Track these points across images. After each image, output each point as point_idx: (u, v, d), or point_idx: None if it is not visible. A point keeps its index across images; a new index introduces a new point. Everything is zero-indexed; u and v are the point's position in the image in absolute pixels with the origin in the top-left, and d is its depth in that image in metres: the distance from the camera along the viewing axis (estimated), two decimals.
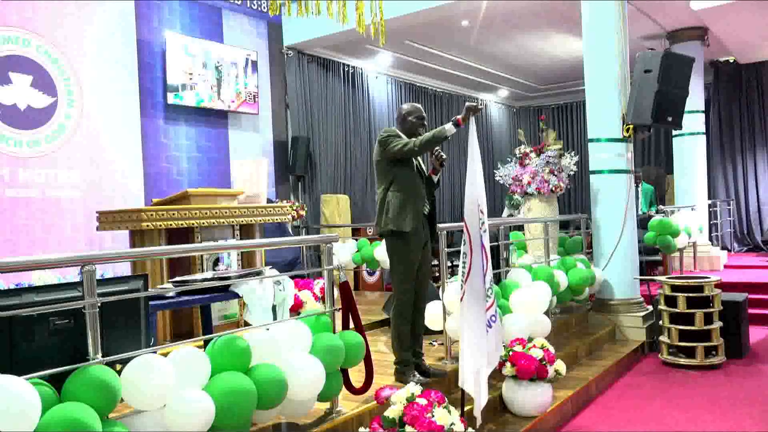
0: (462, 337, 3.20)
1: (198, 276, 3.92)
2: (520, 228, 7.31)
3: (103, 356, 2.15)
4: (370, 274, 8.24)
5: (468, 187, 3.22)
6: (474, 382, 3.12)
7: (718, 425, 3.90)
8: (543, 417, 3.83)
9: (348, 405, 3.22)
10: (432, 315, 4.23)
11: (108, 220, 4.40)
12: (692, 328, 5.14)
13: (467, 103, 3.51)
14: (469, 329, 3.15)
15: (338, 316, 3.27)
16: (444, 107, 12.08)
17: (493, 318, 3.20)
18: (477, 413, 3.13)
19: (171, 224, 4.28)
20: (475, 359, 3.12)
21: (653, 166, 11.43)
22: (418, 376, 3.70)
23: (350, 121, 10.04)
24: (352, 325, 3.26)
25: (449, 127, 3.51)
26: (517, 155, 6.54)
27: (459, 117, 3.50)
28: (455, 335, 4.00)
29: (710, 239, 9.17)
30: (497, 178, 6.76)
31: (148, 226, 4.18)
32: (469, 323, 3.15)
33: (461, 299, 3.21)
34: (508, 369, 3.83)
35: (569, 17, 7.84)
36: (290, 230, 8.05)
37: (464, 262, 3.18)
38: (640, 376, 5.10)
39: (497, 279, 4.95)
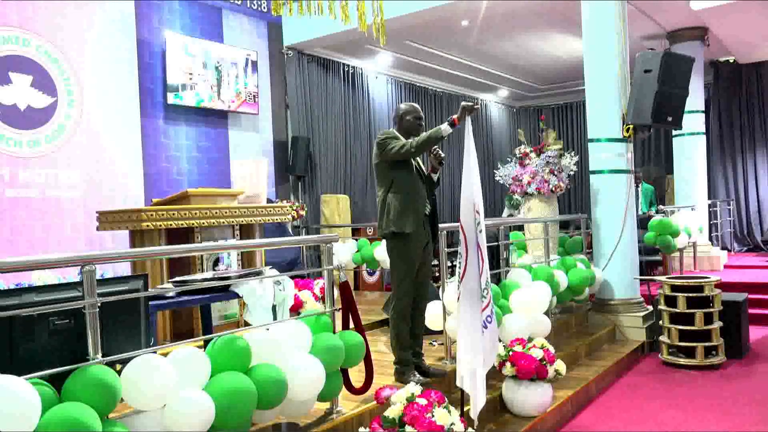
0: (459, 338, 3.20)
1: (198, 276, 3.92)
2: (520, 228, 7.31)
3: (103, 356, 2.15)
4: (370, 274, 8.24)
5: (464, 187, 3.22)
6: (470, 383, 3.12)
7: (718, 425, 3.90)
8: (543, 417, 3.83)
9: (348, 405, 3.22)
10: (432, 315, 4.23)
11: (108, 220, 4.40)
12: (692, 328, 5.14)
13: (463, 103, 3.52)
14: (465, 329, 3.15)
15: (338, 316, 3.27)
16: (444, 107, 12.08)
17: (489, 318, 3.19)
18: (474, 414, 3.13)
19: (171, 224, 4.28)
20: (471, 360, 3.12)
21: (653, 166, 11.43)
22: (418, 376, 3.70)
23: (350, 121, 10.04)
24: (352, 325, 3.27)
25: (445, 128, 3.51)
26: (517, 155, 6.53)
27: (455, 117, 3.50)
28: (455, 335, 4.00)
29: (710, 239, 9.17)
30: (497, 178, 6.76)
31: (148, 226, 4.18)
32: (465, 324, 3.15)
33: (457, 299, 3.21)
34: (508, 369, 3.82)
35: (569, 17, 7.84)
36: (290, 230, 8.06)
37: (460, 263, 3.18)
38: (640, 376, 5.10)
39: (497, 279, 4.96)
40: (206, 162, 7.85)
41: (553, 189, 6.33)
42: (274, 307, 4.01)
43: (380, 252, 6.99)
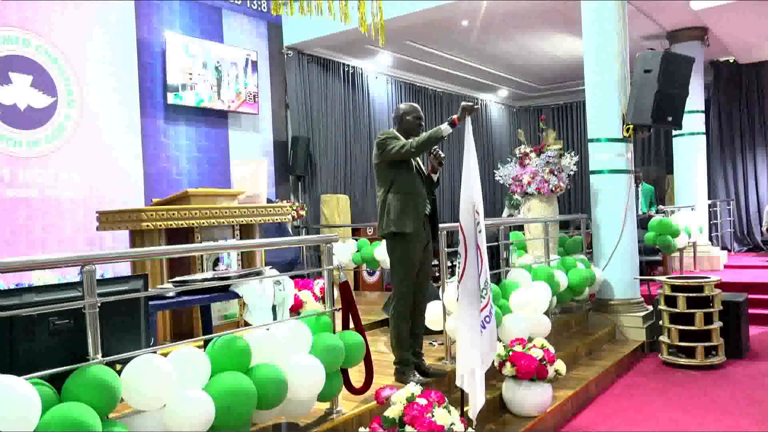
0: (458, 337, 3.20)
1: (198, 276, 3.92)
2: (520, 228, 7.31)
3: (103, 356, 2.15)
4: (370, 274, 8.24)
5: (463, 187, 3.21)
6: (468, 383, 3.12)
7: (718, 425, 3.90)
8: (543, 417, 3.83)
9: (348, 405, 3.22)
10: (432, 315, 4.23)
11: (108, 220, 4.40)
12: (692, 328, 5.14)
13: (463, 103, 3.52)
14: (464, 329, 3.15)
15: (338, 316, 3.27)
16: (444, 107, 12.08)
17: (488, 318, 3.19)
18: (473, 414, 3.12)
19: (171, 224, 4.28)
20: (469, 359, 3.11)
21: (653, 166, 11.43)
22: (418, 376, 3.70)
23: (350, 121, 10.04)
24: (352, 325, 3.26)
25: (445, 127, 3.52)
26: (517, 155, 6.53)
27: (455, 117, 3.51)
28: (455, 335, 3.99)
29: (710, 239, 9.17)
30: (497, 178, 6.76)
31: (148, 226, 4.18)
32: (464, 323, 3.15)
33: (457, 299, 3.21)
34: (508, 369, 3.82)
35: (569, 17, 7.84)
36: (290, 230, 8.05)
37: (459, 263, 3.18)
38: (640, 376, 5.10)
39: (497, 279, 4.95)
40: (206, 162, 7.85)
41: (553, 189, 6.33)
42: (274, 307, 4.01)
43: (380, 252, 6.98)
